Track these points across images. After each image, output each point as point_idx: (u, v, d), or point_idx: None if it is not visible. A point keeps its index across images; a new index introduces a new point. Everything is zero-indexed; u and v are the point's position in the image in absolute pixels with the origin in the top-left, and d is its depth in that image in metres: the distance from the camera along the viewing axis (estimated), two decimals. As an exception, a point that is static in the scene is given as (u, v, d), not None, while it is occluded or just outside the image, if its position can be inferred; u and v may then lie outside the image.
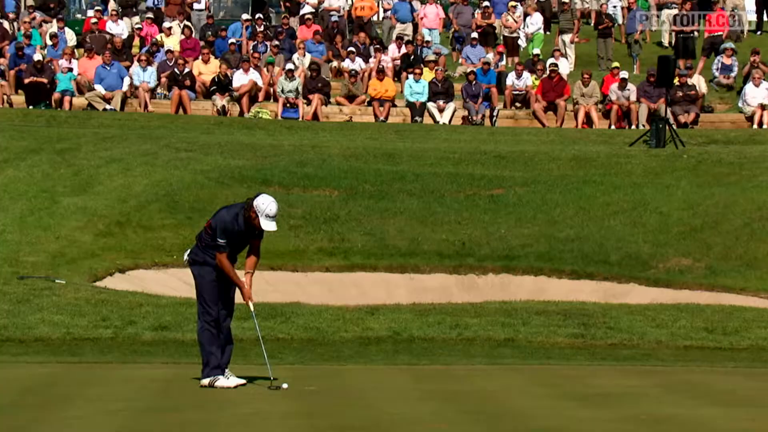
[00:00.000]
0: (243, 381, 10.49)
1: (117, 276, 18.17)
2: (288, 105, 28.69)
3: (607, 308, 16.16)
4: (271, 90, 29.32)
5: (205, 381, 10.43)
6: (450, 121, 28.71)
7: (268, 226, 10.25)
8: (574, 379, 11.46)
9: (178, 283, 18.01)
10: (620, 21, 35.12)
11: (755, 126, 27.74)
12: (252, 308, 10.56)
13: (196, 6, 34.95)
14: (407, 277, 19.03)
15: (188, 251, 10.60)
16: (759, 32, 36.16)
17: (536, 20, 33.47)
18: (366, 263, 19.06)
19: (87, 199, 20.56)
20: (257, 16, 33.05)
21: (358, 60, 30.60)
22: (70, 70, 28.99)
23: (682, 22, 32.26)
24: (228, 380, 10.40)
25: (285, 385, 10.30)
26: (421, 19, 34.24)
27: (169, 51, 29.86)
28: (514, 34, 33.31)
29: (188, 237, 19.21)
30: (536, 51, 31.11)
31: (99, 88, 28.53)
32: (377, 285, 18.75)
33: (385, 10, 35.32)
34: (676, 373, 12.04)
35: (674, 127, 26.06)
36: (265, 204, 10.23)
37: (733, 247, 19.16)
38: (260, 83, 29.04)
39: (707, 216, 20.05)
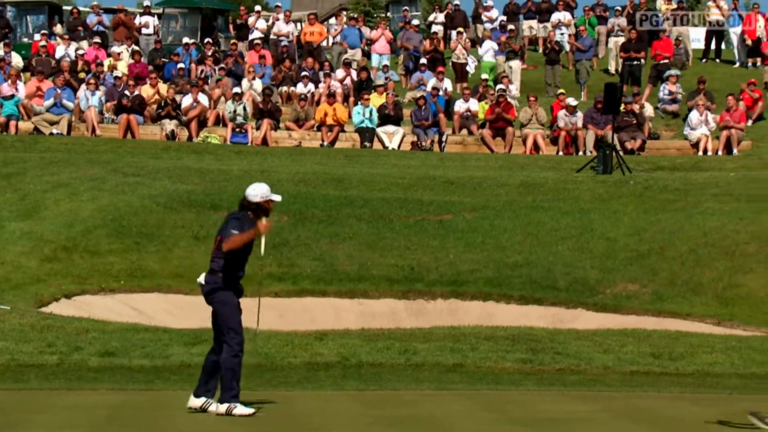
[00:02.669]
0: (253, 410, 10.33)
1: (63, 301, 17.99)
2: (237, 130, 28.65)
3: (555, 333, 16.20)
4: (221, 114, 29.29)
5: (222, 408, 10.23)
6: (399, 146, 28.78)
7: (275, 197, 10.35)
8: (521, 404, 11.48)
9: (125, 308, 17.99)
10: (567, 48, 35.47)
11: (700, 153, 28.04)
12: (263, 242, 10.35)
13: (144, 30, 34.90)
14: (356, 302, 19.00)
15: (202, 279, 10.34)
16: (704, 60, 36.67)
17: (486, 48, 33.70)
18: (315, 288, 19.00)
19: (33, 223, 20.36)
20: (206, 40, 33.05)
21: (309, 85, 30.67)
22: (12, 96, 28.75)
23: (629, 49, 32.61)
24: (245, 408, 10.22)
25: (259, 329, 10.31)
26: (371, 44, 34.40)
27: (117, 76, 29.76)
28: (463, 60, 33.54)
29: (135, 262, 19.38)
30: (485, 76, 31.32)
31: (42, 109, 28.32)
32: (326, 310, 18.71)
33: (333, 36, 35.45)
34: (622, 398, 12.06)
35: (621, 153, 26.27)
36: (256, 191, 10.29)
37: (679, 272, 19.25)
38: (205, 108, 28.99)
39: (654, 242, 20.15)
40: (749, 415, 9.57)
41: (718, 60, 36.85)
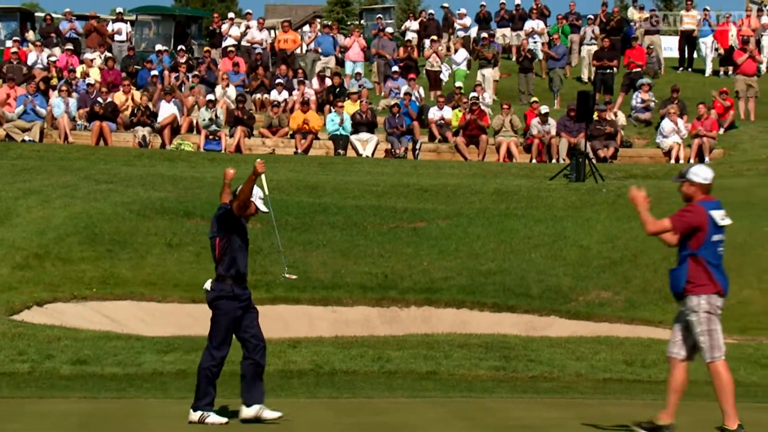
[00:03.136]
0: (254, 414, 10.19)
1: (35, 309, 17.81)
2: (210, 137, 28.59)
3: (528, 341, 16.22)
4: (194, 122, 29.23)
5: (194, 416, 10.16)
6: (373, 154, 28.76)
7: (263, 207, 10.28)
8: (495, 411, 11.47)
9: (97, 316, 17.85)
10: (540, 56, 35.61)
11: (672, 161, 28.16)
12: (264, 184, 10.31)
13: (117, 37, 34.81)
14: (330, 309, 18.96)
15: (209, 285, 10.23)
16: (680, 69, 36.87)
17: (461, 56, 33.78)
18: (288, 296, 18.90)
19: (4, 231, 20.21)
20: (179, 47, 32.99)
21: (283, 92, 30.66)
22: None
23: (602, 57, 32.73)
24: (217, 417, 10.15)
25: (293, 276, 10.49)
26: (344, 52, 34.44)
27: (89, 83, 29.66)
28: (437, 68, 33.61)
29: (108, 269, 19.22)
30: (458, 84, 31.38)
31: (14, 116, 28.18)
32: (300, 318, 18.66)
33: (307, 44, 35.46)
34: (595, 405, 12.08)
35: (594, 161, 26.36)
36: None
37: (651, 280, 19.26)
38: (179, 115, 28.94)
39: (626, 249, 20.17)
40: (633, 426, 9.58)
41: (690, 69, 37.07)
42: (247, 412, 10.24)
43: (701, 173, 9.57)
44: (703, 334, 9.42)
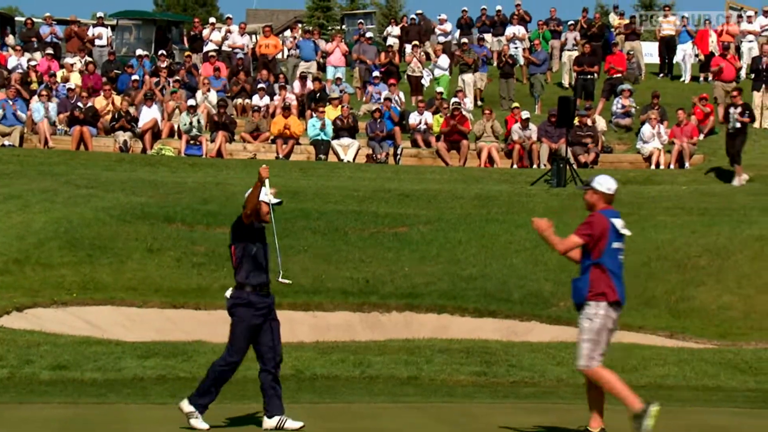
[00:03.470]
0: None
1: (14, 314, 17.69)
2: (191, 142, 28.53)
3: (509, 346, 16.20)
4: (175, 127, 29.16)
5: (186, 407, 10.14)
6: (354, 159, 28.74)
7: (273, 199, 10.24)
8: (476, 417, 11.46)
9: (77, 321, 17.80)
10: (522, 62, 35.65)
11: (653, 166, 28.23)
12: (269, 187, 10.22)
13: (97, 42, 34.70)
14: (311, 314, 18.92)
15: (229, 293, 10.19)
16: (661, 75, 36.97)
17: (443, 62, 33.77)
18: (269, 301, 18.91)
19: (-16, 236, 20.17)
20: (160, 52, 32.91)
21: (264, 97, 30.62)
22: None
23: (582, 63, 32.79)
24: (202, 423, 10.12)
25: (287, 281, 10.35)
26: (326, 57, 34.42)
27: (70, 87, 29.57)
28: (418, 74, 33.60)
29: (88, 275, 19.19)
30: (440, 89, 31.39)
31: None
32: (281, 323, 18.57)
33: (289, 49, 35.43)
34: (576, 411, 12.00)
35: (575, 166, 26.41)
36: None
37: (631, 285, 18.60)
38: (159, 120, 28.87)
39: (607, 254, 20.21)
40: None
41: (669, 75, 37.16)
42: (268, 422, 10.24)
43: (605, 183, 9.72)
44: (588, 342, 9.59)
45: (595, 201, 9.70)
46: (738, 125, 25.47)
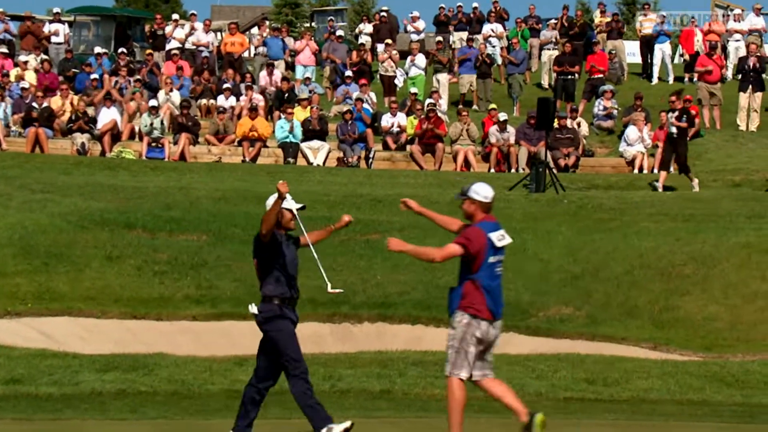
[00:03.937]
0: None
1: (-35, 326, 17.42)
2: (153, 144, 28.05)
3: (487, 359, 15.80)
4: (136, 128, 28.71)
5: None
6: (324, 162, 28.34)
7: (294, 205, 10.28)
8: (451, 433, 11.00)
9: (32, 332, 17.45)
10: (499, 61, 35.06)
11: (636, 171, 27.78)
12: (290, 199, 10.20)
13: (54, 39, 34.06)
14: (278, 326, 18.46)
15: (255, 308, 10.12)
16: (643, 75, 36.48)
17: (420, 61, 33.03)
18: (235, 311, 18.39)
19: (-67, 243, 19.80)
20: (120, 50, 32.34)
21: (230, 98, 30.14)
22: None
23: (563, 63, 32.09)
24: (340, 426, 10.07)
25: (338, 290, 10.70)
26: (295, 56, 33.90)
27: (24, 87, 29.07)
28: (391, 73, 33.09)
29: (44, 284, 18.97)
30: (414, 90, 30.77)
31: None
32: (247, 334, 18.02)
33: (256, 47, 34.83)
34: (556, 426, 11.59)
35: (554, 171, 25.92)
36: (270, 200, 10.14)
37: (614, 295, 19.14)
38: (119, 121, 28.42)
39: (588, 263, 19.96)
40: None
41: (644, 76, 36.77)
42: None
43: (482, 191, 9.85)
44: (453, 348, 9.79)
45: (473, 211, 9.84)
46: (674, 130, 25.01)
